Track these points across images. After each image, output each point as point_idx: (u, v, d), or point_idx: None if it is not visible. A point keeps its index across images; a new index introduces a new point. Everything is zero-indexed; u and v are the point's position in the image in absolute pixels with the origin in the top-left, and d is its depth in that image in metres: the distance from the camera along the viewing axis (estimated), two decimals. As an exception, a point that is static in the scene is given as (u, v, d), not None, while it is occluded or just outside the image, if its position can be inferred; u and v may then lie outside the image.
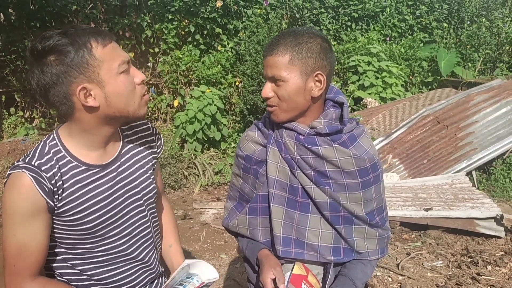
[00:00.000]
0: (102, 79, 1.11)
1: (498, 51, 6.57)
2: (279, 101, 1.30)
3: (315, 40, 1.28)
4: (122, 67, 1.14)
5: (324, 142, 1.33)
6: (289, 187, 1.38)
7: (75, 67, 1.07)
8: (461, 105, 4.72)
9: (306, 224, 1.38)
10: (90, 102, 1.11)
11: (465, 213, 3.52)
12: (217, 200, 4.44)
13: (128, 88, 1.15)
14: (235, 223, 1.52)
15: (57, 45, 1.07)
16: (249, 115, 5.53)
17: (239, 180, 1.53)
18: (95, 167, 1.22)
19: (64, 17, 5.59)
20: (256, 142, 1.45)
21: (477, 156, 4.44)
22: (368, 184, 1.38)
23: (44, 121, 5.89)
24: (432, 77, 6.38)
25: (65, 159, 1.18)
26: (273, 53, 1.28)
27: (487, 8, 7.16)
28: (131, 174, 1.31)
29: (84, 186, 1.20)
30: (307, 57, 1.26)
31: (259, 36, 5.48)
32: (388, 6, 6.67)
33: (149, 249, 1.37)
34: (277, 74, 1.27)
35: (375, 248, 1.45)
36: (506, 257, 3.28)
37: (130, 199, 1.30)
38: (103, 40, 1.11)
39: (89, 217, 1.19)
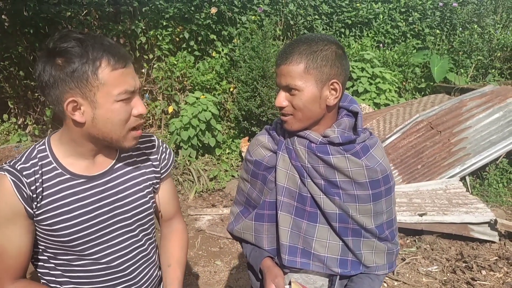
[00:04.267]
0: (96, 101, 1.07)
1: (490, 57, 6.63)
2: (294, 110, 1.27)
3: (330, 47, 1.24)
4: (122, 96, 1.09)
5: (337, 151, 1.30)
6: (298, 196, 1.35)
7: (74, 79, 1.04)
8: (454, 111, 4.75)
9: (314, 234, 1.35)
10: (77, 116, 1.08)
11: (459, 218, 3.54)
12: (212, 206, 4.43)
13: (119, 117, 1.10)
14: (240, 228, 1.49)
15: (68, 51, 1.04)
16: (244, 121, 5.53)
17: (247, 185, 1.50)
18: (80, 177, 1.17)
19: (58, 24, 5.57)
20: (266, 147, 1.42)
21: (471, 161, 4.47)
22: (379, 196, 1.35)
23: (37, 127, 5.86)
24: (425, 83, 6.43)
25: (50, 166, 1.15)
26: (287, 61, 1.24)
27: (478, 15, 7.24)
28: (122, 191, 1.24)
29: (66, 196, 1.15)
30: (322, 65, 1.23)
31: (253, 42, 5.50)
32: (381, 13, 6.72)
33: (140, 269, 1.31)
34: (291, 84, 1.24)
35: (383, 262, 1.41)
36: (500, 261, 3.29)
37: (118, 217, 1.23)
38: (116, 62, 1.07)
39: (67, 229, 1.14)
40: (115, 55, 1.07)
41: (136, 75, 1.15)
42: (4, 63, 5.52)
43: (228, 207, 4.33)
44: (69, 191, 1.16)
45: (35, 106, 5.94)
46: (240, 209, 1.55)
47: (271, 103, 5.29)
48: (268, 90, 5.26)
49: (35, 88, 5.81)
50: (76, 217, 1.16)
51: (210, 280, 3.15)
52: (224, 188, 4.78)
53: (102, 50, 1.05)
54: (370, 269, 1.39)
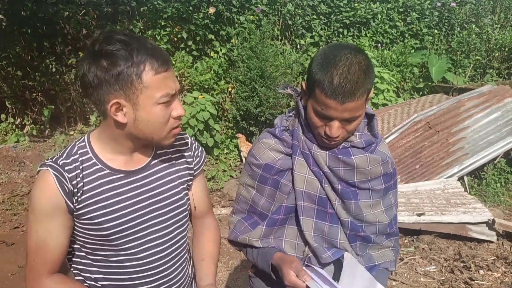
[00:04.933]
0: (138, 103, 1.10)
1: (488, 57, 6.64)
2: (346, 133, 1.26)
3: (365, 60, 1.20)
4: (164, 99, 1.11)
5: (358, 151, 1.32)
6: (318, 198, 1.34)
7: (118, 81, 1.07)
8: (453, 111, 4.76)
9: (337, 236, 1.35)
10: (119, 117, 1.11)
11: (457, 218, 3.54)
12: (210, 206, 4.42)
13: (159, 119, 1.13)
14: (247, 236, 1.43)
15: (113, 54, 1.05)
16: (242, 121, 5.53)
17: (251, 191, 1.44)
18: (119, 172, 1.21)
19: (56, 24, 5.57)
20: (277, 150, 1.38)
21: (469, 161, 4.47)
22: (388, 189, 1.39)
23: (35, 127, 5.85)
24: (424, 83, 6.43)
25: (90, 161, 1.19)
26: (355, 98, 1.17)
27: (477, 15, 7.24)
28: (159, 186, 1.27)
29: (105, 191, 1.18)
30: (372, 86, 1.23)
31: (251, 42, 5.49)
32: (380, 13, 6.72)
33: (175, 266, 1.32)
34: (355, 116, 1.21)
35: (393, 259, 1.45)
36: (498, 261, 3.30)
37: (154, 212, 1.26)
38: (159, 66, 1.09)
39: (107, 222, 1.18)
40: (159, 58, 1.09)
41: (175, 78, 1.17)
42: (1, 63, 5.51)
43: (227, 207, 4.33)
44: (109, 185, 1.19)
45: (33, 106, 5.93)
46: (242, 216, 1.49)
47: (269, 103, 5.29)
48: (266, 90, 5.26)
49: (32, 88, 5.80)
50: (115, 211, 1.19)
51: (208, 280, 3.15)
52: (222, 188, 4.78)
53: (146, 54, 1.07)
54: (384, 264, 1.42)
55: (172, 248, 1.31)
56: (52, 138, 5.85)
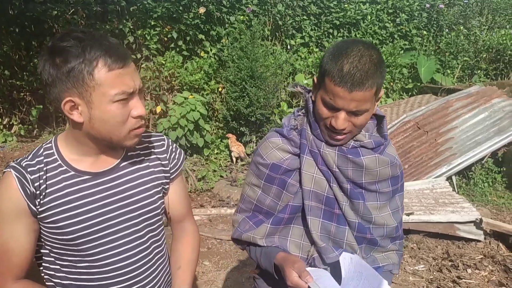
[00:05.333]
0: (92, 101, 1.06)
1: (476, 58, 6.72)
2: (354, 128, 1.24)
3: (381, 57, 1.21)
4: (119, 96, 1.06)
5: (367, 152, 1.31)
6: (326, 199, 1.32)
7: (70, 78, 1.03)
8: (441, 111, 4.80)
9: (344, 237, 1.33)
10: (75, 116, 1.08)
11: (445, 218, 3.57)
12: (200, 206, 4.41)
13: (116, 118, 1.08)
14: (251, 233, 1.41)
15: (66, 50, 1.03)
16: (232, 121, 5.53)
17: (257, 191, 1.42)
18: (85, 174, 1.16)
19: (44, 23, 5.51)
20: (284, 149, 1.37)
21: (457, 161, 4.52)
22: (395, 192, 1.38)
23: (23, 128, 5.79)
24: (413, 84, 6.48)
25: (55, 163, 1.15)
26: (364, 88, 1.15)
27: (465, 17, 7.33)
28: (128, 189, 1.22)
29: (70, 193, 1.14)
30: (382, 83, 1.21)
31: (242, 42, 5.49)
32: (369, 14, 6.76)
33: (143, 271, 1.25)
34: (363, 108, 1.19)
35: (397, 261, 1.43)
36: (486, 260, 3.33)
37: (123, 216, 1.20)
38: (113, 62, 1.04)
39: (70, 226, 1.13)
40: (113, 55, 1.05)
41: (137, 75, 1.12)
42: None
43: (217, 207, 4.33)
44: (74, 187, 1.15)
45: (21, 106, 5.86)
46: (247, 215, 1.48)
47: (259, 103, 5.30)
48: (257, 90, 5.27)
49: (20, 88, 5.73)
50: (80, 214, 1.14)
51: (198, 281, 3.14)
52: (213, 189, 4.77)
53: (100, 50, 1.03)
54: (387, 267, 1.41)
55: (144, 253, 1.25)
56: (40, 138, 5.80)
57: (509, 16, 7.92)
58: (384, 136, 1.34)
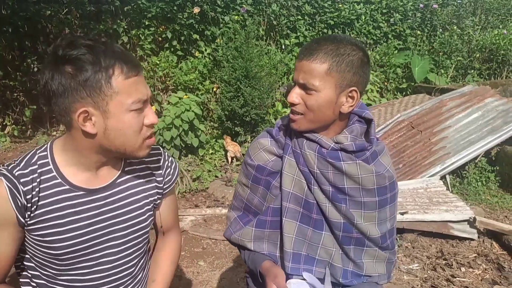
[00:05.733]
0: (109, 110, 1.02)
1: (469, 58, 6.76)
2: (306, 109, 1.21)
3: (357, 53, 1.18)
4: (136, 105, 1.04)
5: (348, 158, 1.26)
6: (304, 202, 1.30)
7: (86, 88, 0.99)
8: (435, 111, 4.83)
9: (319, 242, 1.31)
10: (88, 127, 1.03)
11: (439, 217, 3.59)
12: (195, 207, 4.41)
13: (132, 128, 1.06)
14: (238, 235, 1.42)
15: (79, 58, 0.98)
16: (227, 121, 5.52)
17: (246, 190, 1.43)
18: (80, 189, 1.12)
19: (38, 23, 5.48)
20: (270, 151, 1.35)
21: (451, 161, 4.54)
22: (384, 203, 1.33)
23: (16, 128, 5.75)
24: (406, 84, 6.51)
25: (50, 174, 1.10)
26: (311, 58, 1.16)
27: (458, 17, 7.37)
28: (122, 206, 1.19)
29: (62, 208, 1.10)
30: (345, 71, 1.17)
31: (236, 42, 5.49)
32: (363, 14, 6.78)
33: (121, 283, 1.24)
34: (310, 82, 1.17)
35: (384, 272, 1.38)
36: (479, 258, 3.36)
37: (113, 234, 1.18)
38: (129, 70, 1.02)
39: (58, 242, 1.10)
40: (128, 62, 1.03)
41: (146, 83, 1.10)
42: (-19, 62, 5.41)
43: (212, 207, 4.32)
44: (67, 202, 1.11)
45: (14, 106, 5.83)
46: (238, 214, 1.48)
47: (254, 103, 5.30)
48: (251, 90, 5.27)
49: (14, 88, 5.70)
50: (70, 230, 1.10)
51: (193, 281, 3.14)
52: (208, 189, 4.77)
53: (115, 58, 1.01)
54: (372, 278, 1.37)
55: (126, 266, 1.24)
56: (34, 139, 5.77)
57: (502, 16, 7.97)
58: (370, 140, 1.30)
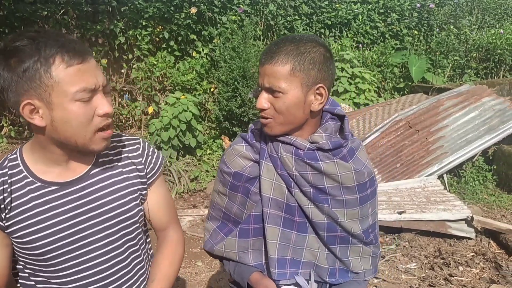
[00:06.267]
0: (52, 101, 0.98)
1: (466, 57, 6.77)
2: (275, 113, 1.19)
3: (318, 49, 1.17)
4: (80, 94, 0.98)
5: (325, 157, 1.24)
6: (286, 206, 1.27)
7: (26, 79, 0.96)
8: (432, 110, 4.84)
9: (304, 244, 1.30)
10: (36, 120, 1.00)
11: (437, 216, 3.60)
12: (193, 207, 4.40)
13: (79, 118, 1.00)
14: (221, 247, 1.37)
15: (19, 49, 0.95)
16: (225, 121, 5.52)
17: (224, 198, 1.39)
18: (52, 184, 1.09)
19: (34, 23, 5.47)
20: (246, 157, 1.32)
21: (448, 160, 4.55)
22: (365, 199, 1.32)
23: (13, 129, 5.73)
24: (404, 83, 6.52)
25: (20, 174, 1.09)
26: (272, 61, 1.15)
27: (455, 16, 7.38)
28: (100, 197, 1.14)
29: (36, 206, 1.07)
30: (309, 68, 1.15)
31: (233, 42, 5.49)
32: (360, 14, 6.79)
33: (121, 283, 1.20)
34: (275, 85, 1.16)
35: (369, 267, 1.38)
36: (477, 257, 3.36)
37: (96, 227, 1.13)
38: (71, 58, 0.97)
39: (38, 241, 1.06)
40: (71, 50, 0.97)
41: (99, 71, 1.04)
42: (-22, 63, 5.38)
43: (209, 207, 4.32)
44: (40, 200, 1.08)
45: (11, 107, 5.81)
46: (217, 225, 1.44)
47: (252, 103, 5.29)
48: (249, 90, 5.26)
49: (10, 89, 5.68)
50: (48, 227, 1.07)
51: (191, 281, 3.13)
52: (205, 189, 4.77)
53: (57, 46, 0.96)
54: (359, 276, 1.37)
55: (121, 265, 1.19)
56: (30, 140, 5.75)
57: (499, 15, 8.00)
58: (345, 136, 1.28)
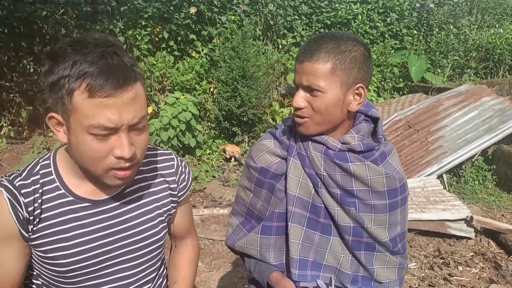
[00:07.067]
0: (69, 125, 0.91)
1: (466, 57, 6.77)
2: (313, 112, 1.16)
3: (358, 48, 1.14)
4: (95, 130, 0.88)
5: (356, 158, 1.21)
6: (311, 206, 1.24)
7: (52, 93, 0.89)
8: (431, 110, 4.84)
9: (327, 247, 1.26)
10: (60, 135, 0.94)
11: (436, 216, 3.60)
12: (193, 207, 4.40)
13: (89, 153, 0.92)
14: (243, 243, 1.35)
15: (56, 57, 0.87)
16: (224, 121, 5.52)
17: (249, 194, 1.37)
18: (84, 200, 1.03)
19: (34, 23, 5.46)
20: (273, 153, 1.30)
21: (447, 160, 4.55)
22: (395, 206, 1.27)
23: (13, 129, 5.73)
24: (403, 83, 6.52)
25: (53, 184, 1.01)
26: (313, 59, 1.12)
27: (454, 16, 7.38)
28: (131, 219, 1.08)
29: (66, 221, 1.01)
30: (350, 68, 1.13)
31: (233, 42, 5.49)
32: (360, 14, 6.79)
33: None
34: (314, 84, 1.12)
35: (395, 278, 1.33)
36: (476, 257, 3.36)
37: (123, 249, 1.08)
38: (98, 89, 0.85)
39: (63, 258, 1.01)
40: (103, 78, 0.85)
41: (133, 107, 0.91)
42: (-23, 63, 5.38)
43: (209, 207, 4.32)
44: (71, 215, 1.01)
45: (10, 107, 5.80)
46: (240, 220, 1.42)
47: (251, 103, 5.29)
48: (248, 90, 5.26)
49: (10, 89, 5.68)
50: (76, 245, 1.01)
51: (191, 282, 3.13)
52: (205, 189, 4.76)
53: (90, 68, 0.85)
54: (383, 286, 1.32)
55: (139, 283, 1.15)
56: (30, 140, 5.74)
57: (498, 15, 8.00)
58: (378, 139, 1.26)
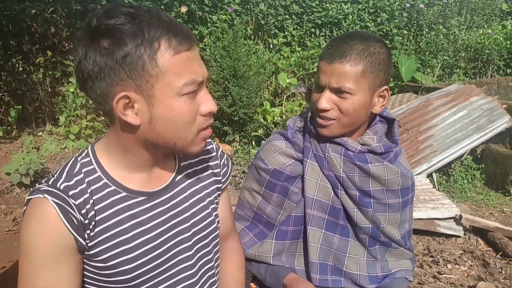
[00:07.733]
0: (154, 95, 0.81)
1: (455, 57, 6.83)
2: (340, 114, 1.14)
3: (384, 50, 1.13)
4: (189, 88, 0.82)
5: (375, 159, 1.21)
6: (330, 208, 1.22)
7: (125, 66, 0.78)
8: (421, 109, 4.87)
9: (346, 251, 1.25)
10: (129, 117, 0.83)
11: (426, 214, 3.62)
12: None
13: (183, 117, 0.84)
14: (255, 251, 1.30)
15: (117, 29, 0.77)
16: (215, 120, 5.51)
17: (257, 198, 1.33)
18: (139, 194, 0.91)
19: (23, 22, 5.41)
20: (287, 154, 1.27)
21: (437, 159, 4.59)
22: (406, 204, 1.29)
23: (1, 128, 5.67)
24: (394, 83, 6.56)
25: (100, 182, 0.88)
26: (343, 60, 1.09)
27: (444, 16, 7.44)
28: (186, 209, 0.98)
29: (123, 221, 0.89)
30: (378, 70, 1.12)
31: (224, 42, 5.48)
32: (351, 14, 6.82)
33: None
34: (345, 86, 1.10)
35: (410, 267, 1.34)
36: (465, 255, 3.40)
37: (184, 244, 0.97)
38: (179, 43, 0.80)
39: (126, 264, 0.87)
40: (179, 33, 0.80)
41: (201, 61, 0.87)
42: (-35, 62, 5.32)
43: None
44: (127, 213, 0.89)
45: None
46: (246, 225, 1.37)
47: (242, 102, 5.29)
48: (240, 90, 5.26)
49: (-2, 88, 5.62)
50: (137, 247, 0.89)
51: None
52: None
53: (162, 28, 0.79)
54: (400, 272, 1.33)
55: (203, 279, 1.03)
56: (19, 139, 5.68)
57: (487, 16, 8.07)
58: (395, 140, 1.25)
